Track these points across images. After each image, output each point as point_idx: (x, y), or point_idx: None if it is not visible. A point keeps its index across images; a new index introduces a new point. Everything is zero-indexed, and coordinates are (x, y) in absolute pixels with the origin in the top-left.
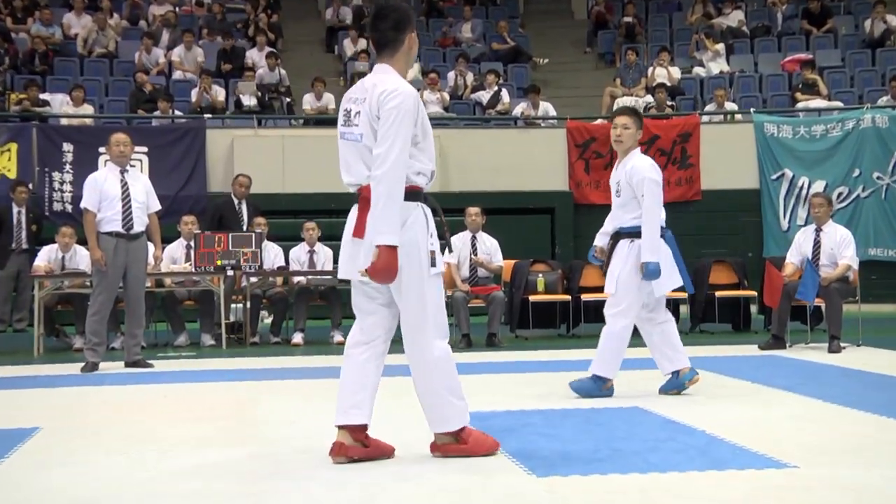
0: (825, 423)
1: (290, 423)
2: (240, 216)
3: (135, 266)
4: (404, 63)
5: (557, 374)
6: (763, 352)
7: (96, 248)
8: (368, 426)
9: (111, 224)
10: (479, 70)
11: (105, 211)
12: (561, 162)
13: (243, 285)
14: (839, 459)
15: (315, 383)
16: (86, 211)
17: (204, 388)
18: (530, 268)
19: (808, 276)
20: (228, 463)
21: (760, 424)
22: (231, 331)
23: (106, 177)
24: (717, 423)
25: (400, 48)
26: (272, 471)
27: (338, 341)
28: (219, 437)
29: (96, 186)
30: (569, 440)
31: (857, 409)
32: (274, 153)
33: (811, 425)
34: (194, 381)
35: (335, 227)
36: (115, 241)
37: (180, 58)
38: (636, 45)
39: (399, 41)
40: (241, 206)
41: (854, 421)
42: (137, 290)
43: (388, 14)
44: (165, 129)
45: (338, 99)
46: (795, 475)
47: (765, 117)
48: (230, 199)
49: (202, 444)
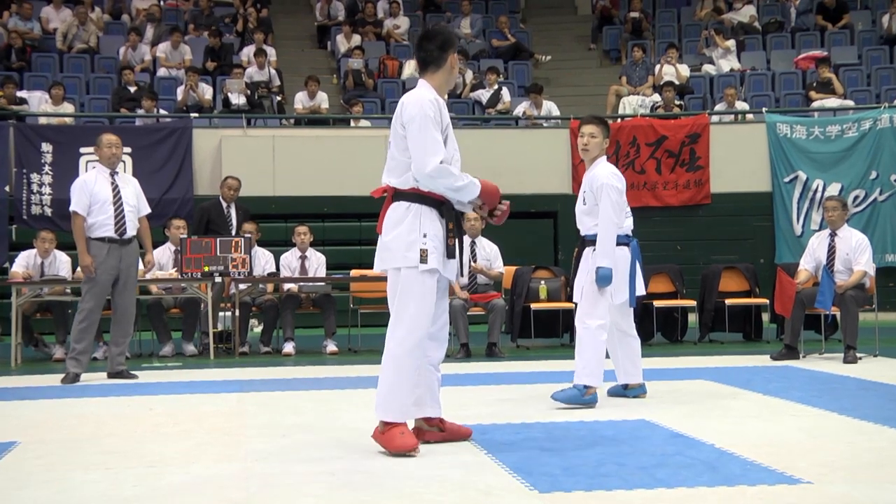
0: (840, 437)
1: (281, 437)
2: (228, 220)
3: (126, 272)
4: (444, 80)
5: (560, 385)
6: (775, 362)
7: (86, 254)
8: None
9: (103, 229)
10: (478, 68)
11: (96, 215)
12: (564, 164)
13: (232, 292)
14: (855, 476)
15: (307, 395)
16: (75, 215)
17: (191, 400)
18: (532, 274)
19: (824, 284)
20: (217, 479)
21: (772, 438)
22: (219, 340)
23: (96, 179)
24: (727, 436)
25: (443, 66)
26: (262, 487)
27: (331, 351)
28: (206, 451)
29: (86, 189)
30: (572, 454)
31: (873, 422)
32: (264, 154)
33: (825, 439)
34: (181, 392)
35: (328, 231)
36: (107, 246)
37: (165, 54)
38: (643, 42)
39: (443, 59)
40: (229, 209)
41: (871, 435)
42: (129, 297)
43: (436, 35)
44: (150, 128)
45: (331, 97)
46: (809, 492)
47: (777, 117)
48: (218, 203)
49: (189, 460)
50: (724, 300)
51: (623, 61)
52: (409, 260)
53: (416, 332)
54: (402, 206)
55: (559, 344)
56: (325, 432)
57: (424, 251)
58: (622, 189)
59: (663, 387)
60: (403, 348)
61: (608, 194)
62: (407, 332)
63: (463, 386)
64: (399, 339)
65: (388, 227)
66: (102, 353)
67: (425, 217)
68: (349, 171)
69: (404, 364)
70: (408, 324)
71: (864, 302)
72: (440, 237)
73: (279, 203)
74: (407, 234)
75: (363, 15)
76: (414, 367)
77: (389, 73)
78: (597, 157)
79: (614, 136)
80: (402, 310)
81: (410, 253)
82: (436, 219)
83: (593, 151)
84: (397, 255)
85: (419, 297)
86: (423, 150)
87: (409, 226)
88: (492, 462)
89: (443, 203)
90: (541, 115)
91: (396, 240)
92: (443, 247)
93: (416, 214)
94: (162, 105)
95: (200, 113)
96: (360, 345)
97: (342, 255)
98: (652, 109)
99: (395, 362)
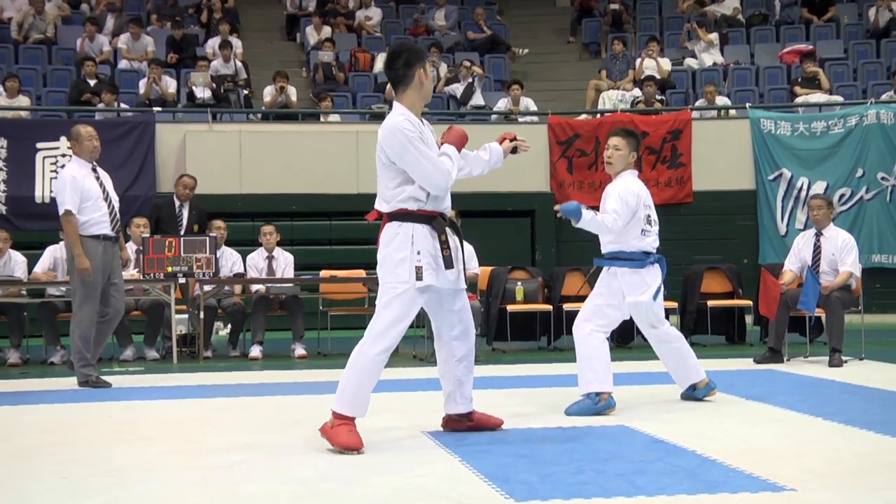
0: (825, 442)
1: (247, 444)
2: (179, 220)
3: (118, 272)
4: (417, 97)
5: (537, 390)
6: (759, 366)
7: (84, 257)
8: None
9: (99, 227)
10: (453, 61)
11: (90, 213)
12: (542, 161)
13: (196, 294)
14: (840, 483)
15: (274, 401)
16: (69, 214)
17: (153, 406)
18: (508, 275)
19: (808, 285)
20: (180, 488)
21: (755, 444)
22: (183, 343)
23: (83, 175)
24: (709, 442)
25: (411, 83)
26: (227, 497)
27: (299, 355)
28: (169, 460)
29: (77, 186)
30: (549, 462)
31: (859, 427)
32: (230, 150)
33: (810, 445)
34: (142, 398)
35: (296, 230)
36: (101, 245)
37: (127, 45)
38: (623, 35)
39: (409, 76)
40: (181, 209)
41: (856, 441)
42: (122, 298)
43: (400, 53)
44: (110, 123)
45: (300, 91)
46: (793, 499)
47: (761, 113)
48: (171, 201)
49: (151, 469)
50: (706, 302)
51: (603, 55)
52: (396, 276)
53: (386, 341)
54: (393, 226)
55: (536, 347)
56: (293, 439)
57: (420, 268)
58: (632, 204)
59: (644, 391)
60: (373, 351)
61: (612, 203)
62: (379, 337)
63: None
64: (372, 340)
65: (382, 245)
66: (60, 358)
67: (417, 234)
68: (318, 168)
69: (368, 366)
70: (382, 332)
71: (850, 303)
72: (433, 252)
73: (246, 201)
74: (395, 252)
75: (334, 5)
76: (376, 371)
77: (361, 66)
78: (622, 170)
79: (593, 131)
80: (382, 317)
81: (399, 270)
82: (427, 234)
83: (618, 165)
84: (387, 273)
85: (398, 311)
86: (426, 172)
87: (399, 245)
88: (466, 470)
89: (433, 218)
90: (518, 111)
91: (387, 258)
92: (436, 261)
93: (406, 233)
94: (123, 99)
95: (164, 107)
96: (329, 348)
97: (311, 255)
98: (632, 104)
99: (362, 360)
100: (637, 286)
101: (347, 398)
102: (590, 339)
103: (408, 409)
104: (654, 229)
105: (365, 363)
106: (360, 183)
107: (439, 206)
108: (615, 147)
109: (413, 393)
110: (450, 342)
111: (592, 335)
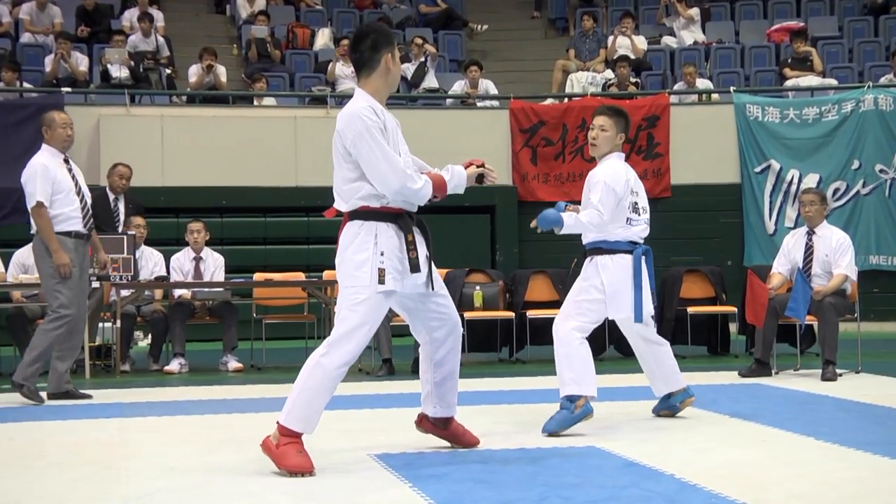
0: (817, 465)
1: (169, 468)
2: (115, 215)
3: (86, 274)
4: (381, 84)
5: (498, 406)
6: (744, 379)
7: (62, 252)
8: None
9: (70, 223)
10: (403, 38)
11: (62, 206)
12: (503, 150)
13: (112, 300)
14: None
15: (201, 420)
16: (40, 206)
17: (62, 427)
18: (465, 279)
19: (798, 289)
20: None
21: (740, 467)
22: (97, 356)
23: (55, 165)
24: (689, 465)
25: (377, 68)
26: None
27: (233, 368)
28: (80, 490)
29: (48, 176)
30: (510, 487)
31: (854, 448)
32: (151, 137)
33: (800, 468)
34: (49, 418)
35: (227, 228)
36: (73, 242)
37: (30, 16)
38: (594, 10)
39: (376, 61)
40: (117, 202)
41: (851, 463)
42: (86, 303)
43: (367, 35)
44: (12, 104)
45: (230, 70)
46: None
47: (747, 98)
48: (104, 194)
49: (59, 498)
50: (685, 308)
51: (571, 32)
52: (357, 279)
53: (347, 352)
54: (355, 224)
55: (497, 359)
56: (224, 464)
57: (382, 271)
58: (620, 192)
59: (617, 408)
60: (332, 364)
61: (598, 190)
62: (338, 347)
63: (387, 408)
64: (331, 350)
65: (342, 247)
66: None
67: (381, 234)
68: (252, 157)
69: (325, 380)
70: (342, 341)
71: (845, 310)
72: (397, 254)
73: (169, 194)
74: (355, 253)
75: None
76: (333, 385)
77: (299, 43)
78: (607, 153)
79: (560, 118)
80: (343, 325)
81: (359, 272)
82: (393, 234)
83: (603, 147)
84: (347, 277)
85: (360, 318)
86: (379, 167)
87: (360, 245)
88: (418, 497)
89: (399, 216)
90: (477, 94)
91: (347, 261)
92: (402, 263)
93: (368, 232)
94: (26, 77)
95: (74, 87)
96: (264, 361)
97: (244, 255)
98: (604, 88)
99: (319, 372)
100: (621, 279)
101: (298, 412)
102: (569, 336)
103: (352, 430)
104: (643, 217)
105: (322, 376)
106: (300, 175)
107: (406, 202)
108: (601, 127)
109: (359, 411)
110: (430, 343)
111: (572, 333)
